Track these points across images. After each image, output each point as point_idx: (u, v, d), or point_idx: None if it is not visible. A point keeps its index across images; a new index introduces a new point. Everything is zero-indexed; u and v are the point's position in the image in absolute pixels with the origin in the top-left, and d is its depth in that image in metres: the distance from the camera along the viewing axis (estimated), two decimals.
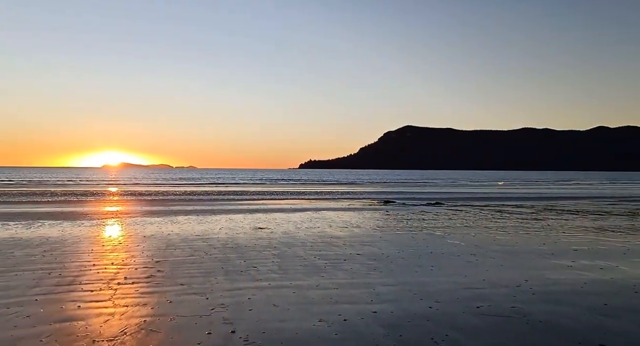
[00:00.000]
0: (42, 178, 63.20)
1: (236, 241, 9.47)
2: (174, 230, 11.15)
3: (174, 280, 6.04)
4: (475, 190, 39.76)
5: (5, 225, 11.90)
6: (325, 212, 16.54)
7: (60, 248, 8.48)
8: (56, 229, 11.21)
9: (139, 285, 5.76)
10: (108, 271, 6.52)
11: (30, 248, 8.42)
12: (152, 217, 14.50)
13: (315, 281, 6.00)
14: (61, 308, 4.72)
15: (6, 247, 8.45)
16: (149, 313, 4.55)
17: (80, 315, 4.48)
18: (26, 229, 11.12)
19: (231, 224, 12.53)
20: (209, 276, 6.27)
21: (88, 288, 5.55)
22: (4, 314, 4.48)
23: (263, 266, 6.93)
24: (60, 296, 5.17)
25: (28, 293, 5.28)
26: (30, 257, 7.51)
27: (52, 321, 4.29)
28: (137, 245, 8.92)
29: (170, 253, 8.06)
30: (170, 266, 6.88)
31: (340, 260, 7.48)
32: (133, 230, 11.24)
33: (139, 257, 7.63)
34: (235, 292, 5.41)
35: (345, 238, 10.06)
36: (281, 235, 10.48)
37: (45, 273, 6.34)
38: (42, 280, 5.94)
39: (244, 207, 19.24)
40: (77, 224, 12.33)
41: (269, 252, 8.19)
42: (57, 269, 6.62)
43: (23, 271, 6.45)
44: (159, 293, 5.33)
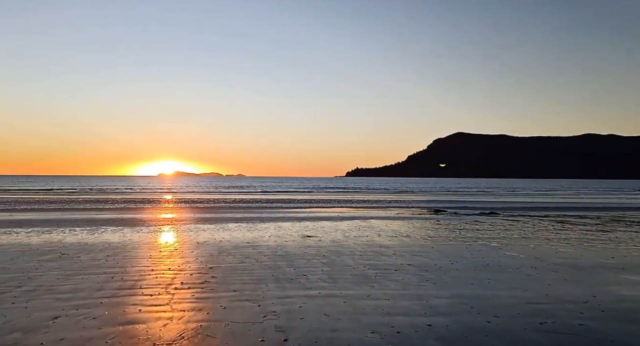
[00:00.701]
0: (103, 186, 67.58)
1: (285, 249, 9.60)
2: (225, 237, 11.48)
3: (227, 286, 6.21)
4: (532, 199, 37.81)
5: (72, 230, 12.80)
6: (373, 221, 16.38)
7: (121, 253, 9.00)
8: (117, 235, 11.91)
9: (195, 290, 5.97)
10: (165, 277, 6.83)
11: (95, 252, 9.00)
12: (204, 224, 15.04)
13: (366, 291, 5.94)
14: (124, 311, 4.99)
15: (74, 252, 9.08)
16: (205, 318, 4.70)
17: (141, 318, 4.72)
18: (91, 235, 11.90)
19: (280, 232, 12.72)
20: (260, 283, 6.39)
21: (148, 293, 5.83)
22: (73, 315, 4.81)
23: (313, 275, 6.96)
24: (123, 300, 5.47)
25: (94, 296, 5.63)
26: (95, 261, 8.02)
27: (116, 323, 4.55)
28: (191, 251, 9.27)
29: (223, 259, 8.31)
30: (223, 273, 7.09)
31: (390, 270, 7.36)
32: (187, 236, 11.70)
33: (194, 263, 7.92)
34: (286, 300, 5.47)
35: (395, 247, 9.89)
36: (330, 243, 10.49)
37: (109, 277, 6.74)
38: (106, 284, 6.32)
39: (292, 215, 19.47)
40: (136, 230, 13.03)
41: (318, 261, 8.22)
42: (119, 273, 7.02)
43: (89, 275, 6.89)
44: (213, 299, 5.50)
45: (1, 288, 5.99)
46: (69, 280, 6.49)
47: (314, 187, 72.98)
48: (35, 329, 4.30)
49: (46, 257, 8.36)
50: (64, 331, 4.27)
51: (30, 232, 12.37)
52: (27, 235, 11.69)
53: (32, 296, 5.55)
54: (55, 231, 12.54)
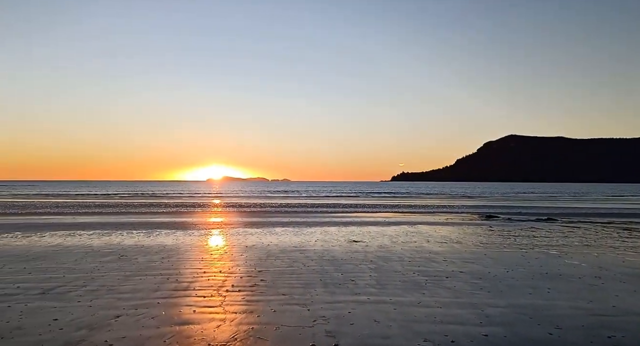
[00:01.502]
0: (155, 191, 70.92)
1: (332, 253, 9.61)
2: (272, 241, 11.68)
3: (276, 289, 6.30)
4: (594, 205, 35.54)
5: (130, 233, 13.52)
6: (422, 226, 16.04)
7: (175, 255, 9.39)
8: (171, 238, 12.44)
9: (245, 293, 6.11)
10: (217, 279, 7.04)
11: (151, 254, 9.45)
12: (252, 228, 15.38)
13: (416, 298, 5.81)
14: (179, 311, 5.20)
15: (132, 253, 9.58)
16: (256, 321, 4.80)
17: (196, 319, 4.89)
18: (147, 237, 12.51)
19: (326, 236, 12.76)
20: (309, 287, 6.44)
21: (201, 294, 6.04)
22: (133, 314, 5.07)
23: (361, 280, 6.92)
24: (178, 301, 5.70)
25: (151, 296, 5.91)
26: (151, 263, 8.42)
27: (173, 323, 4.74)
28: (240, 254, 9.51)
29: (271, 263, 8.45)
30: (271, 276, 7.21)
31: (441, 277, 7.17)
32: (236, 240, 12.01)
33: (243, 266, 8.11)
34: (335, 305, 5.47)
35: (445, 254, 9.63)
36: (377, 248, 10.39)
37: (165, 278, 7.05)
38: (162, 285, 6.61)
39: (337, 219, 19.48)
40: (188, 233, 13.55)
41: (366, 266, 8.16)
42: (174, 275, 7.33)
43: (146, 276, 7.24)
44: (263, 302, 5.60)
45: (68, 287, 6.43)
46: (128, 281, 6.85)
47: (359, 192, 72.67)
48: (100, 327, 4.58)
49: (107, 259, 8.88)
50: (125, 329, 4.51)
51: (91, 234, 13.19)
52: (89, 237, 12.48)
53: (96, 296, 5.91)
54: (114, 234, 13.31)
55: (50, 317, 4.87)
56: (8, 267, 7.85)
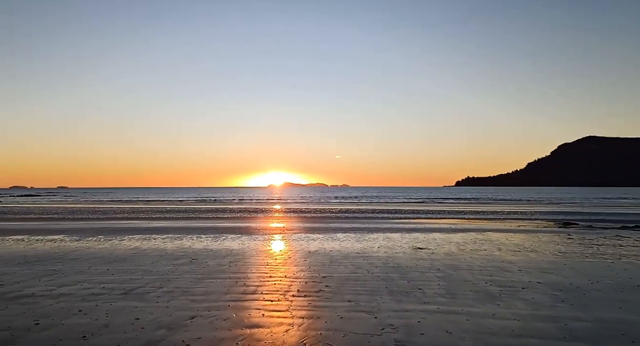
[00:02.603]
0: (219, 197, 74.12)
1: (396, 260, 9.45)
2: (334, 247, 11.72)
3: (342, 296, 6.31)
4: None
5: (199, 237, 14.23)
6: (491, 234, 15.30)
7: (242, 259, 9.73)
8: (237, 242, 12.92)
9: (311, 298, 6.19)
10: (283, 283, 7.20)
11: (220, 258, 9.87)
12: (313, 233, 15.56)
13: (491, 310, 5.55)
14: (249, 314, 5.38)
15: (202, 257, 10.07)
16: (323, 327, 4.84)
17: (265, 323, 5.03)
18: (214, 242, 13.10)
19: (389, 243, 12.58)
20: (374, 294, 6.38)
21: (268, 298, 6.20)
22: (207, 316, 5.32)
23: (429, 289, 6.73)
24: (247, 304, 5.90)
25: (222, 299, 6.16)
26: (220, 267, 8.80)
27: (244, 326, 4.91)
28: (304, 259, 9.64)
29: (335, 269, 8.48)
30: (336, 282, 7.23)
31: (517, 288, 6.78)
32: (298, 245, 12.21)
33: (307, 271, 8.22)
34: (403, 314, 5.36)
35: (520, 263, 9.10)
36: (443, 256, 10.06)
37: (233, 282, 7.33)
38: (231, 288, 6.88)
39: (400, 225, 19.14)
40: (252, 238, 14.00)
41: (433, 274, 7.93)
42: (242, 278, 7.60)
43: (216, 279, 7.57)
44: (329, 308, 5.64)
45: (146, 288, 6.89)
46: (200, 283, 7.21)
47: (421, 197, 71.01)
48: (177, 327, 4.85)
49: (180, 261, 9.41)
50: (200, 330, 4.74)
51: (165, 238, 14.06)
52: (162, 241, 13.31)
53: (172, 297, 6.27)
54: (185, 238, 14.08)
55: (133, 316, 5.25)
56: (94, 268, 8.58)
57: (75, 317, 5.21)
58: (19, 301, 5.98)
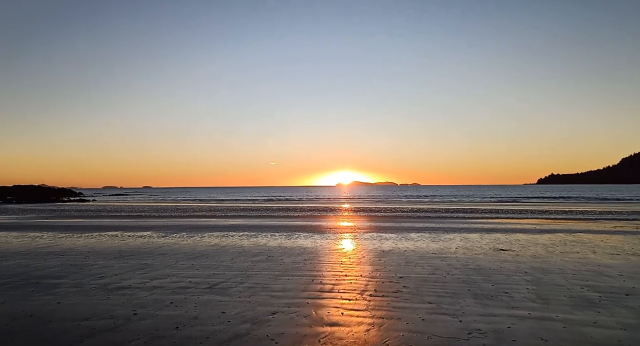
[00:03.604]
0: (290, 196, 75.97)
1: (477, 262, 9.03)
2: (409, 247, 11.48)
3: (421, 297, 6.15)
4: None
5: (273, 235, 14.68)
6: (583, 235, 14.09)
7: (316, 258, 9.87)
8: (309, 241, 13.14)
9: (389, 298, 6.10)
10: (359, 283, 7.18)
11: (294, 256, 10.10)
12: (385, 232, 15.37)
13: (590, 317, 5.09)
14: (328, 312, 5.43)
15: (277, 254, 10.37)
16: (405, 328, 4.74)
17: (345, 322, 5.04)
18: (288, 240, 13.43)
19: (467, 244, 12.06)
20: (456, 297, 6.13)
21: (346, 297, 6.22)
22: (287, 312, 5.45)
23: (516, 293, 6.34)
24: (325, 302, 5.96)
25: (300, 296, 6.29)
26: (295, 264, 8.99)
27: (324, 324, 4.97)
28: (378, 259, 9.56)
29: (411, 269, 8.30)
30: (414, 283, 7.07)
31: (619, 294, 6.16)
32: (371, 244, 12.13)
33: (383, 271, 8.13)
34: (490, 318, 5.10)
35: (620, 267, 8.27)
36: (530, 259, 9.44)
37: (309, 280, 7.45)
38: (308, 285, 7.00)
39: (478, 225, 18.29)
40: (324, 237, 14.16)
41: (520, 277, 7.46)
42: (318, 277, 7.70)
43: (293, 276, 7.75)
44: (409, 309, 5.52)
45: (229, 283, 7.23)
46: (278, 280, 7.42)
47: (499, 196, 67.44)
48: (260, 322, 5.03)
49: (257, 258, 9.77)
50: (282, 326, 4.87)
51: (241, 235, 14.68)
52: (239, 238, 13.91)
53: (253, 292, 6.52)
54: (260, 235, 14.60)
55: (219, 310, 5.53)
56: (180, 263, 9.18)
57: (167, 309, 5.60)
58: (118, 292, 6.57)
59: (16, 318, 5.20)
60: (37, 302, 5.94)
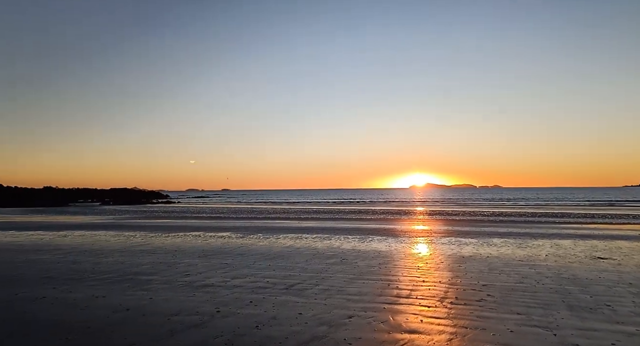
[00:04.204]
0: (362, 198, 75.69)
1: (572, 271, 8.28)
2: (492, 253, 10.87)
3: (508, 307, 5.76)
4: None
5: (346, 238, 14.69)
6: None
7: (391, 262, 9.69)
8: (383, 244, 12.95)
9: (472, 307, 5.79)
10: (438, 289, 6.91)
11: (368, 260, 10.00)
12: (465, 237, 14.69)
13: None
14: (406, 319, 5.28)
15: (351, 257, 10.34)
16: (492, 340, 4.46)
17: (425, 329, 4.87)
18: (361, 243, 13.36)
19: (559, 251, 11.13)
20: (549, 308, 5.66)
21: (424, 304, 6.01)
22: (364, 317, 5.39)
23: (620, 306, 5.70)
24: (402, 308, 5.81)
25: (377, 300, 6.19)
26: (370, 268, 8.90)
27: (402, 330, 4.84)
28: (458, 265, 9.14)
29: (495, 277, 7.83)
30: (499, 292, 6.65)
31: None
32: (449, 249, 11.65)
33: (463, 278, 7.75)
34: (590, 333, 4.63)
35: None
36: (635, 268, 8.48)
37: (385, 284, 7.32)
38: (384, 290, 6.88)
39: (571, 231, 16.83)
40: (399, 240, 13.88)
41: (623, 289, 6.71)
42: (394, 281, 7.54)
43: (368, 280, 7.67)
44: (495, 320, 5.19)
45: (304, 284, 7.33)
46: (353, 284, 7.38)
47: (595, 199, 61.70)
48: (337, 325, 5.02)
49: (331, 261, 9.82)
50: (359, 330, 4.82)
51: (315, 237, 14.88)
52: (313, 240, 14.10)
53: (328, 295, 6.55)
54: (333, 238, 14.69)
55: (296, 311, 5.62)
56: (258, 264, 9.51)
57: (247, 308, 5.81)
58: (203, 290, 6.95)
59: (116, 311, 5.70)
60: (132, 297, 6.48)
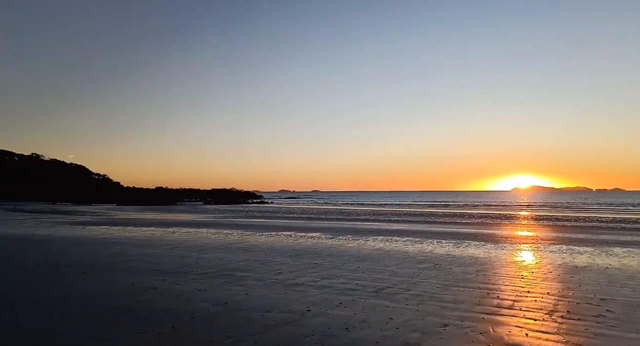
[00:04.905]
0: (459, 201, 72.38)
1: None
2: (611, 264, 9.68)
3: (634, 325, 5.06)
4: None
5: (440, 242, 14.12)
6: None
7: (489, 269, 9.09)
8: (481, 250, 12.21)
9: (587, 323, 5.18)
10: (545, 302, 6.31)
11: (464, 266, 9.49)
12: (578, 245, 13.28)
13: None
14: (509, 331, 4.88)
15: (445, 263, 9.90)
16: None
17: (531, 344, 4.46)
18: (456, 248, 12.74)
19: None
20: None
21: (530, 316, 5.52)
22: (460, 326, 5.10)
23: None
24: (504, 319, 5.39)
25: (474, 310, 5.83)
26: (466, 275, 8.42)
27: (504, 343, 4.48)
28: (569, 276, 8.28)
29: (617, 291, 6.94)
30: (622, 308, 5.87)
31: None
32: (559, 258, 10.61)
33: (576, 291, 6.99)
34: None
35: None
36: None
37: (484, 293, 6.87)
38: (483, 299, 6.45)
39: None
40: (499, 247, 12.98)
41: None
42: (494, 290, 7.04)
43: (464, 288, 7.26)
44: (617, 339, 4.58)
45: (394, 288, 7.17)
46: (448, 290, 7.04)
47: None
48: (430, 333, 4.81)
49: (423, 266, 9.49)
50: (455, 340, 4.57)
51: (405, 241, 14.53)
52: (403, 243, 13.78)
53: (420, 301, 6.32)
54: (425, 242, 14.21)
55: (386, 315, 5.50)
56: (347, 265, 9.53)
57: (337, 309, 5.83)
58: (294, 288, 7.14)
59: (215, 304, 6.08)
60: (229, 291, 6.87)
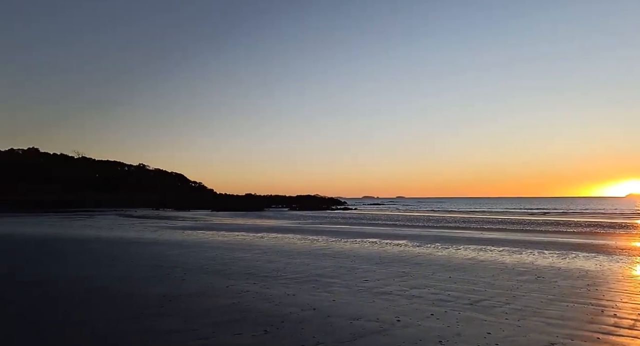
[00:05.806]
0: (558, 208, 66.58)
1: None
2: None
3: None
4: None
5: (541, 253, 13.09)
6: None
7: (603, 284, 8.22)
8: (592, 262, 11.10)
9: None
10: None
11: (572, 279, 8.68)
12: None
13: None
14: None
15: (549, 276, 9.14)
16: None
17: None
18: (562, 259, 11.71)
19: None
20: None
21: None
22: (567, 344, 4.67)
23: None
24: (625, 341, 4.83)
25: (586, 328, 5.29)
26: (574, 289, 7.70)
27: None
28: None
29: None
30: None
31: None
32: None
33: None
34: None
35: None
36: None
37: (597, 310, 6.23)
38: (596, 317, 5.85)
39: None
40: (613, 259, 11.70)
41: None
42: (609, 307, 6.36)
43: (573, 303, 6.64)
44: None
45: (492, 301, 6.77)
46: (553, 305, 6.49)
47: None
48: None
49: (523, 278, 8.86)
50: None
51: (501, 250, 13.69)
52: (499, 253, 12.99)
53: (522, 316, 5.89)
54: (524, 252, 13.26)
55: (484, 330, 5.21)
56: (437, 275, 9.21)
57: (428, 320, 5.66)
58: (381, 297, 7.07)
59: (304, 309, 6.23)
60: (317, 297, 7.00)
